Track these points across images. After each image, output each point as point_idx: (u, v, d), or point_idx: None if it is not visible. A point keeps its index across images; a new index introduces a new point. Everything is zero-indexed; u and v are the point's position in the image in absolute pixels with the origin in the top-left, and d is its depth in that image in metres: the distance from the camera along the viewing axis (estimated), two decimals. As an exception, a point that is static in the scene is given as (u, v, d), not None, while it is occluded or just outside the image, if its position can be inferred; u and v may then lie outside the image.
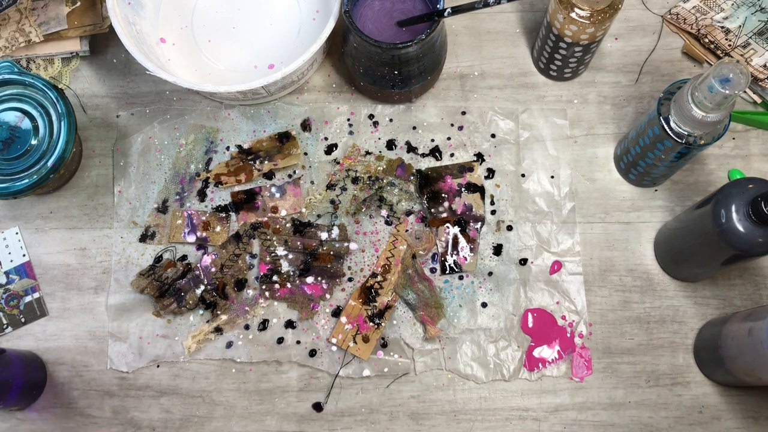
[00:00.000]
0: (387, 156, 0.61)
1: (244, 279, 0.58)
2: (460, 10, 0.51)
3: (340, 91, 0.64)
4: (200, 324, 0.58)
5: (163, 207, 0.60)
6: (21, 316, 0.59)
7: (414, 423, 0.56)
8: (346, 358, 0.56)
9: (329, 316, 0.58)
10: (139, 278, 0.58)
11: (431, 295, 0.57)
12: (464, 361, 0.56)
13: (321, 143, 0.62)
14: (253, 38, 0.64)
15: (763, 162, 0.60)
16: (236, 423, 0.56)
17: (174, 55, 0.64)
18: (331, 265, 0.58)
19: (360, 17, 0.56)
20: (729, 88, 0.43)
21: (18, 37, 0.61)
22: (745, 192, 0.46)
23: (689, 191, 0.60)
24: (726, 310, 0.57)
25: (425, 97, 0.63)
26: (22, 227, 0.61)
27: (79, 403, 0.57)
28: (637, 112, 0.62)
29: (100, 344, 0.58)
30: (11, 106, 0.57)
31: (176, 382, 0.57)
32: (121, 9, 0.58)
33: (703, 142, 0.49)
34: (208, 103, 0.63)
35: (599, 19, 0.52)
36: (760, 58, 0.61)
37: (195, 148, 0.62)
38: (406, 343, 0.57)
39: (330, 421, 0.56)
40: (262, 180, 0.61)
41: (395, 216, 0.59)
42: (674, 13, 0.64)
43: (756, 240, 0.45)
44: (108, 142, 0.63)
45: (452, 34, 0.65)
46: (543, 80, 0.63)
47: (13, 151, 0.56)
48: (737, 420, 0.54)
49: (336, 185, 0.60)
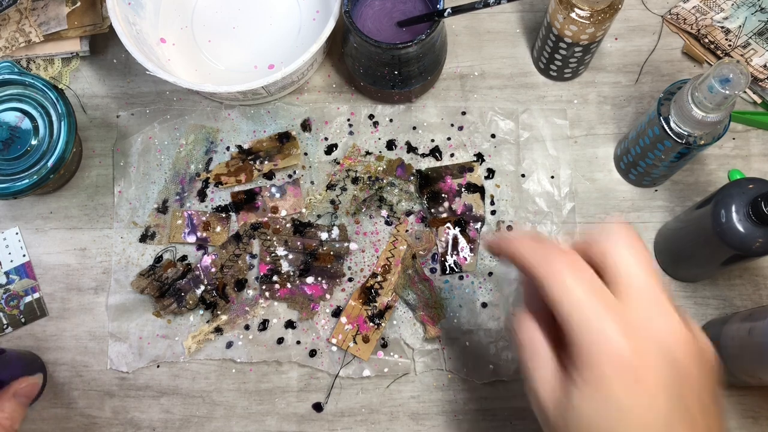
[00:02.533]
0: (387, 156, 0.61)
1: (244, 279, 0.58)
2: (460, 10, 0.51)
3: (340, 91, 0.64)
4: (200, 324, 0.58)
5: (163, 207, 0.60)
6: (21, 317, 0.59)
7: (414, 423, 0.56)
8: (346, 358, 0.56)
9: (329, 317, 0.58)
10: (139, 278, 0.58)
11: (431, 295, 0.57)
12: (464, 361, 0.56)
13: (321, 143, 0.62)
14: (253, 38, 0.64)
15: (763, 162, 0.60)
16: (236, 423, 0.56)
17: (174, 55, 0.64)
18: (331, 266, 0.58)
19: (360, 17, 0.56)
20: (729, 88, 0.43)
21: (18, 37, 0.61)
22: (745, 192, 0.46)
23: (689, 191, 0.60)
24: (726, 310, 0.57)
25: (425, 97, 0.63)
26: (22, 227, 0.61)
27: (79, 403, 0.57)
28: (637, 112, 0.62)
29: (100, 344, 0.58)
30: (11, 106, 0.57)
31: (176, 382, 0.57)
32: (121, 9, 0.58)
33: (703, 142, 0.49)
34: (208, 104, 0.63)
35: (599, 19, 0.52)
36: (760, 58, 0.61)
37: (195, 149, 0.62)
38: (407, 343, 0.57)
39: (330, 421, 0.56)
40: (262, 180, 0.61)
41: (395, 216, 0.59)
42: (674, 13, 0.64)
43: (756, 240, 0.45)
44: (108, 142, 0.63)
45: (452, 34, 0.65)
46: (543, 80, 0.63)
47: (13, 151, 0.56)
48: (737, 420, 0.54)
49: (336, 185, 0.60)
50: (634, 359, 0.31)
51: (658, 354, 0.32)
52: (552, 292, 0.33)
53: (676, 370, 0.32)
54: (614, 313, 0.32)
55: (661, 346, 0.32)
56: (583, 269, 0.33)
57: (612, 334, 0.32)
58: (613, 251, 0.34)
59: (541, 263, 0.34)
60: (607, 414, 0.32)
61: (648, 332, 0.32)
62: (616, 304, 0.33)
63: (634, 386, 0.31)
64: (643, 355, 0.31)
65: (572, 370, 0.33)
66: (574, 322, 0.32)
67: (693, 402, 0.32)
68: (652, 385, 0.31)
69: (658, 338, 0.32)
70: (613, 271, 0.34)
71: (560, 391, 0.34)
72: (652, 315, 0.33)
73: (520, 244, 0.35)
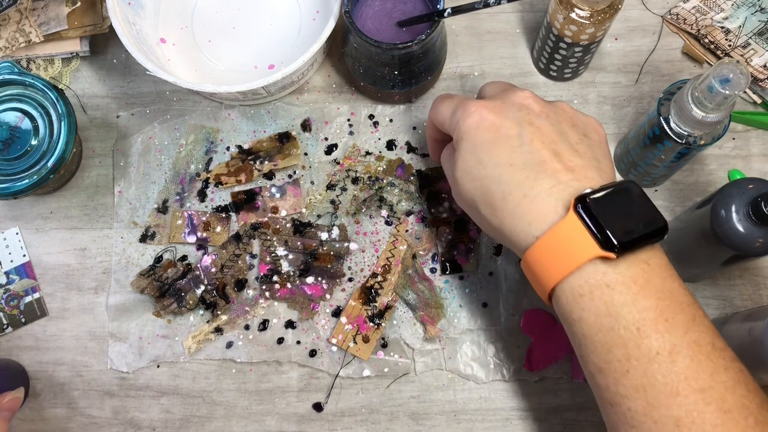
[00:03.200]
0: (387, 156, 0.61)
1: (244, 279, 0.58)
2: (460, 10, 0.51)
3: (340, 91, 0.64)
4: (200, 324, 0.58)
5: (163, 207, 0.60)
6: (21, 317, 0.59)
7: (414, 423, 0.56)
8: (346, 358, 0.56)
9: (329, 317, 0.58)
10: (139, 278, 0.58)
11: (431, 295, 0.57)
12: (464, 361, 0.56)
13: (321, 143, 0.62)
14: (253, 38, 0.64)
15: (763, 162, 0.60)
16: (236, 423, 0.56)
17: (174, 56, 0.64)
18: (332, 266, 0.58)
19: (360, 17, 0.56)
20: (729, 88, 0.43)
21: (18, 38, 0.61)
22: (745, 192, 0.46)
23: (689, 191, 0.60)
24: (726, 310, 0.57)
25: (425, 97, 0.63)
26: (22, 227, 0.61)
27: (79, 403, 0.57)
28: (637, 112, 0.62)
29: (100, 344, 0.58)
30: (11, 106, 0.57)
31: (176, 382, 0.57)
32: (121, 9, 0.58)
33: (703, 142, 0.49)
34: (209, 104, 0.63)
35: (599, 19, 0.52)
36: (760, 58, 0.61)
37: (195, 149, 0.62)
38: (407, 343, 0.57)
39: (330, 421, 0.56)
40: (263, 180, 0.61)
41: (395, 216, 0.59)
42: (674, 14, 0.64)
43: (756, 240, 0.45)
44: (108, 142, 0.63)
45: (452, 34, 0.65)
46: (543, 80, 0.63)
47: (13, 151, 0.56)
48: (737, 420, 0.54)
49: (336, 185, 0.60)
50: (491, 117, 0.42)
51: (512, 106, 0.43)
52: (433, 111, 0.48)
53: (529, 113, 0.42)
54: (477, 101, 0.44)
55: (515, 104, 0.43)
56: (455, 95, 0.48)
57: (472, 108, 0.43)
58: (481, 87, 0.49)
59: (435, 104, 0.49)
60: (478, 156, 0.42)
61: (503, 101, 0.43)
62: (480, 100, 0.44)
63: (495, 131, 0.42)
64: (498, 112, 0.43)
65: (455, 148, 0.45)
66: (448, 117, 0.46)
67: (545, 127, 0.42)
68: (509, 125, 0.42)
69: (512, 101, 0.43)
70: (481, 93, 0.48)
71: (453, 165, 0.45)
72: (509, 95, 0.44)
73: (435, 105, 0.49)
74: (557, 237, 0.38)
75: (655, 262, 0.38)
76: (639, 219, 0.38)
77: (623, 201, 0.38)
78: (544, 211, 0.39)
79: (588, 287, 0.37)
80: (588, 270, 0.37)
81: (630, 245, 0.37)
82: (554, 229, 0.38)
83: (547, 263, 0.38)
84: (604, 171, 0.41)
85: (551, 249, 0.38)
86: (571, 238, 0.37)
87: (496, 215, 0.41)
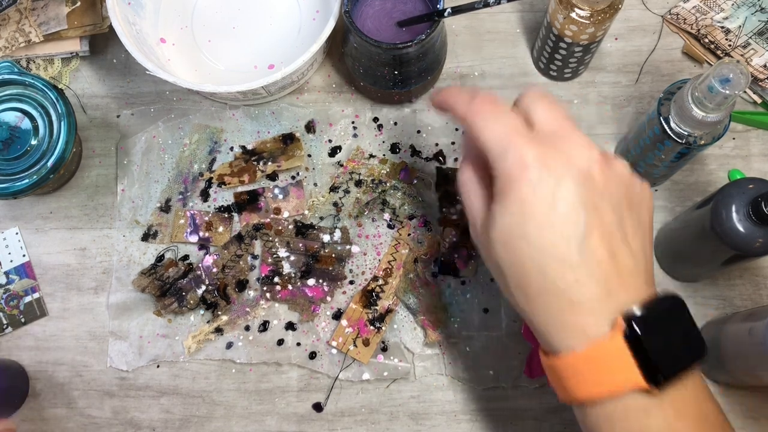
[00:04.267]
0: (390, 159, 0.61)
1: (245, 280, 0.58)
2: (460, 10, 0.51)
3: (340, 91, 0.64)
4: (201, 324, 0.58)
5: (165, 206, 0.60)
6: (21, 316, 0.59)
7: (414, 423, 0.56)
8: (345, 361, 0.56)
9: (330, 319, 0.58)
10: (140, 277, 0.58)
11: (433, 299, 0.57)
12: (464, 366, 0.56)
13: (325, 145, 0.62)
14: (253, 38, 0.64)
15: (763, 162, 0.60)
16: (236, 423, 0.56)
17: (174, 55, 0.64)
18: (333, 268, 0.58)
19: (360, 17, 0.56)
20: (729, 88, 0.43)
21: (18, 37, 0.61)
22: (745, 192, 0.46)
23: (689, 191, 0.60)
24: (726, 310, 0.57)
25: (426, 98, 0.63)
26: (22, 227, 0.61)
27: (79, 403, 0.57)
28: (637, 112, 0.62)
29: (100, 344, 0.58)
30: (11, 106, 0.57)
31: (176, 382, 0.57)
32: (121, 9, 0.58)
33: (703, 142, 0.49)
34: (212, 103, 0.63)
35: (599, 19, 0.52)
36: (760, 58, 0.61)
37: (199, 148, 0.62)
38: (407, 347, 0.57)
39: (330, 421, 0.56)
40: (266, 181, 0.61)
41: (398, 220, 0.59)
42: (674, 13, 0.64)
43: (756, 240, 0.45)
44: (108, 142, 0.63)
45: (452, 34, 0.65)
46: (543, 80, 0.63)
47: (13, 151, 0.56)
48: (737, 420, 0.54)
49: (339, 188, 0.60)
50: (551, 182, 0.35)
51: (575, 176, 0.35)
52: (475, 128, 0.37)
53: (592, 189, 0.35)
54: (532, 142, 0.35)
55: (578, 170, 0.35)
56: (503, 110, 0.37)
57: (529, 160, 0.35)
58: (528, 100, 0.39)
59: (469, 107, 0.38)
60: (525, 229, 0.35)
61: (564, 159, 0.35)
62: (534, 137, 0.36)
63: (551, 205, 0.34)
64: (559, 178, 0.35)
65: (497, 196, 0.36)
66: (495, 151, 0.36)
67: (607, 213, 0.35)
68: (569, 202, 0.35)
69: (574, 163, 0.35)
70: (532, 116, 0.38)
71: (486, 214, 0.38)
72: (568, 146, 0.36)
73: (455, 94, 0.40)
74: (597, 356, 0.34)
75: (692, 384, 0.36)
76: (684, 343, 0.35)
77: (670, 324, 0.35)
78: (585, 324, 0.35)
79: (623, 412, 0.35)
80: (626, 397, 0.34)
81: (674, 375, 0.34)
82: (596, 347, 0.34)
83: (581, 378, 0.35)
84: (649, 272, 0.37)
85: (588, 366, 0.35)
86: (613, 363, 0.34)
87: (528, 304, 0.37)
